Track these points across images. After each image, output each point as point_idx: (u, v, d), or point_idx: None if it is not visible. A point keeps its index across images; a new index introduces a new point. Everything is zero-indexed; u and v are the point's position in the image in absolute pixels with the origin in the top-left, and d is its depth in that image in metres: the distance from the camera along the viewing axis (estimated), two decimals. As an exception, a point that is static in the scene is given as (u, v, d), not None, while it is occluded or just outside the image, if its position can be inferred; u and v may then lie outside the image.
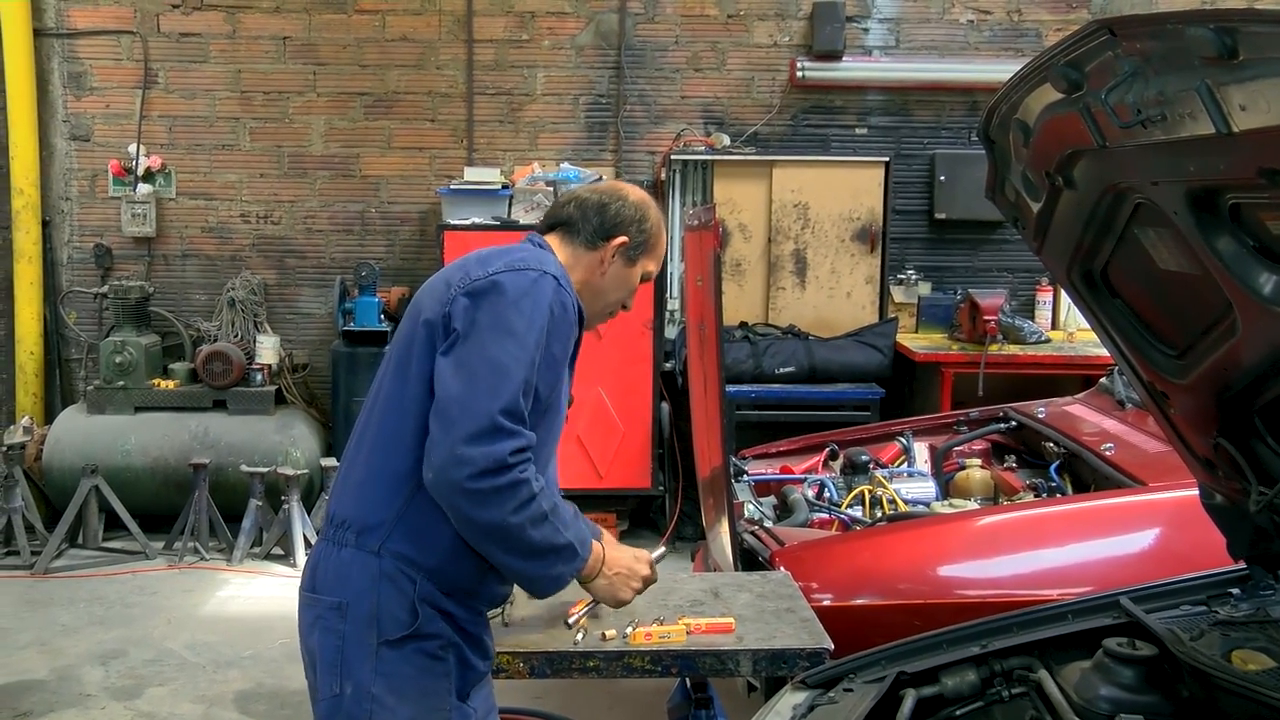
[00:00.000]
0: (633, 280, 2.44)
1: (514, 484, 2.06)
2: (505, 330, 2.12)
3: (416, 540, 2.16)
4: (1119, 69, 1.65)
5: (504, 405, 2.06)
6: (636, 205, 2.43)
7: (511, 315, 2.13)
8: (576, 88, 6.93)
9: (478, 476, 2.03)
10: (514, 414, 2.07)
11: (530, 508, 2.09)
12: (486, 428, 2.04)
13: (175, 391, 6.48)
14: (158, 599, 5.57)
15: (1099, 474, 3.84)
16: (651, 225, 2.43)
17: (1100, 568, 3.24)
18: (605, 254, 2.39)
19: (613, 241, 2.39)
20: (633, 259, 2.42)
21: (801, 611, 2.74)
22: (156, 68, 6.90)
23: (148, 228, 6.90)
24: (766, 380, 6.31)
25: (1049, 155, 2.02)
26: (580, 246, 2.39)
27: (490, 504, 2.06)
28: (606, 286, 2.41)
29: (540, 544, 2.14)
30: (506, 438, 2.05)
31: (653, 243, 2.44)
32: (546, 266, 2.22)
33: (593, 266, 2.39)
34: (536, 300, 2.15)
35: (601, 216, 2.40)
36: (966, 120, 6.88)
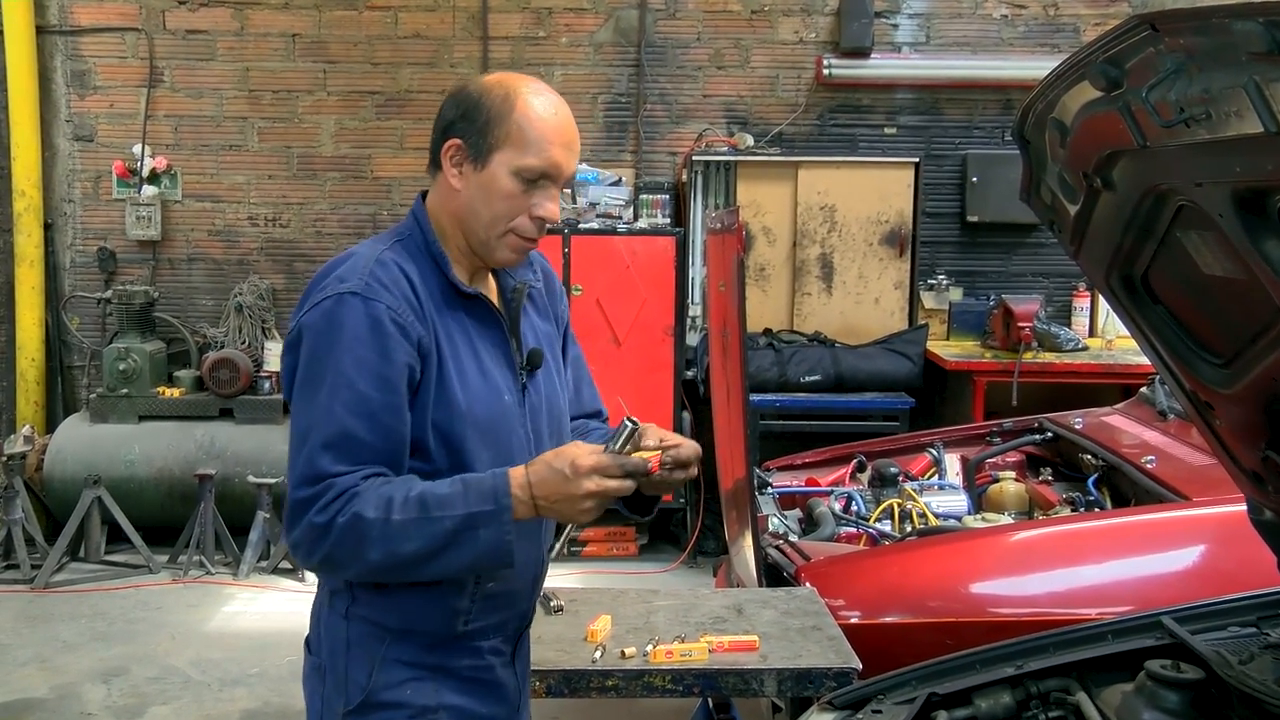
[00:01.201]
0: (501, 186, 1.96)
1: (342, 533, 1.83)
2: (308, 388, 1.89)
3: (378, 602, 1.98)
4: (1161, 66, 1.65)
5: (299, 475, 1.86)
6: (469, 89, 2.00)
7: (313, 369, 1.89)
8: (595, 86, 6.95)
9: (310, 554, 1.87)
10: (315, 478, 1.85)
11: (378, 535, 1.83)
12: (289, 512, 1.87)
13: (180, 400, 6.51)
14: (161, 614, 5.60)
15: (1140, 488, 3.82)
16: (490, 107, 1.96)
17: (1141, 586, 3.22)
18: (446, 169, 2.00)
19: (443, 149, 1.99)
20: (481, 159, 1.96)
21: (828, 629, 2.74)
22: (162, 66, 6.95)
23: (153, 231, 6.95)
24: (791, 389, 6.30)
25: (1087, 156, 2.01)
26: (436, 171, 2.04)
27: (343, 562, 1.88)
28: (471, 205, 1.98)
29: (426, 547, 1.84)
30: (311, 503, 1.84)
31: (500, 127, 1.95)
32: (348, 278, 1.92)
33: (447, 190, 2.01)
34: (333, 338, 1.88)
35: (435, 125, 2.03)
36: (1000, 119, 6.86)
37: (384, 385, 1.87)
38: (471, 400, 1.96)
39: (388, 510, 1.83)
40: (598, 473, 1.85)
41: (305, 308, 1.95)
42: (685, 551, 6.43)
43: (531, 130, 1.95)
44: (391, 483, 1.87)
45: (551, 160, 1.96)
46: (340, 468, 1.84)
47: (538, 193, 1.97)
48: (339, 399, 1.86)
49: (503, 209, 1.97)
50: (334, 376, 1.86)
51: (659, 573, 6.25)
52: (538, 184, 1.97)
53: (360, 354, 1.87)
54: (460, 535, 1.84)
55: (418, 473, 1.92)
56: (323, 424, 1.85)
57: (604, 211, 6.47)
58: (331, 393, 1.86)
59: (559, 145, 1.97)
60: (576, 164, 2.05)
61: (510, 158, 1.95)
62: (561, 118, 1.99)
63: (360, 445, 1.86)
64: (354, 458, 1.86)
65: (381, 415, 1.87)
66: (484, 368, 2.00)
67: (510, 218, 1.98)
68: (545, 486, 1.86)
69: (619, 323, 6.28)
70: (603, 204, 6.50)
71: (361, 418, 1.86)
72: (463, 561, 1.86)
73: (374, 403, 1.87)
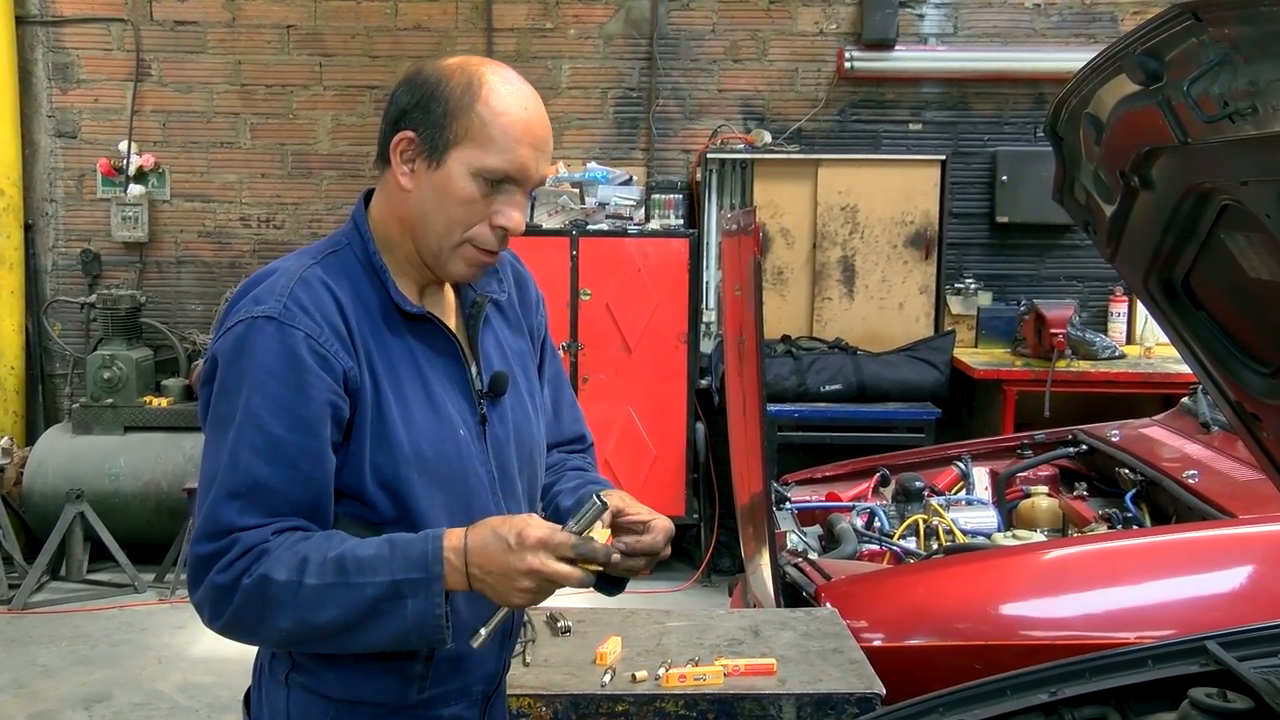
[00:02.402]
0: (457, 188, 1.78)
1: (247, 595, 1.69)
2: (217, 426, 1.74)
3: (320, 667, 1.84)
4: (1204, 57, 1.64)
5: (201, 531, 1.72)
6: (426, 74, 1.83)
7: (222, 405, 1.74)
8: (605, 80, 6.96)
9: (214, 617, 1.73)
10: (218, 532, 1.70)
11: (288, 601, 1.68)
12: (191, 570, 1.73)
13: (169, 410, 6.53)
14: (147, 636, 5.61)
15: (1181, 504, 3.80)
16: (450, 96, 1.78)
17: (1184, 608, 3.21)
18: (395, 165, 1.81)
19: (393, 142, 1.81)
20: (436, 156, 1.78)
21: (850, 652, 2.73)
22: (149, 59, 6.98)
23: (139, 232, 6.98)
24: (811, 399, 6.30)
25: (1124, 153, 2.01)
26: (384, 168, 1.85)
27: (249, 627, 1.73)
28: (422, 209, 1.80)
29: (344, 616, 1.69)
30: (213, 560, 1.70)
31: (462, 119, 1.77)
32: (264, 299, 1.75)
33: (396, 190, 1.82)
34: (243, 369, 1.72)
35: (386, 114, 1.85)
36: (1032, 114, 6.86)
37: (299, 426, 1.71)
38: (417, 438, 1.79)
39: (300, 573, 1.67)
40: (546, 549, 1.67)
41: (220, 332, 1.78)
42: (699, 570, 6.43)
43: (496, 125, 1.77)
44: (310, 539, 1.71)
45: (518, 162, 1.78)
46: (248, 520, 1.69)
47: (500, 198, 1.80)
48: (246, 442, 1.70)
49: (459, 215, 1.79)
50: (243, 415, 1.70)
51: (671, 592, 6.24)
52: (501, 188, 1.79)
53: (273, 390, 1.70)
54: (384, 605, 1.68)
55: (365, 523, 1.77)
56: (229, 471, 1.70)
57: (614, 212, 6.47)
58: (239, 435, 1.70)
59: (527, 145, 1.79)
60: (547, 167, 1.87)
61: (470, 156, 1.77)
62: (532, 112, 1.81)
63: (271, 495, 1.70)
64: (264, 509, 1.70)
65: (297, 461, 1.71)
66: (434, 399, 1.83)
67: (467, 226, 1.80)
68: (482, 555, 1.68)
69: (629, 329, 6.28)
70: (612, 204, 6.51)
71: (274, 464, 1.70)
72: (388, 634, 1.70)
73: (288, 447, 1.70)
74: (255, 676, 1.95)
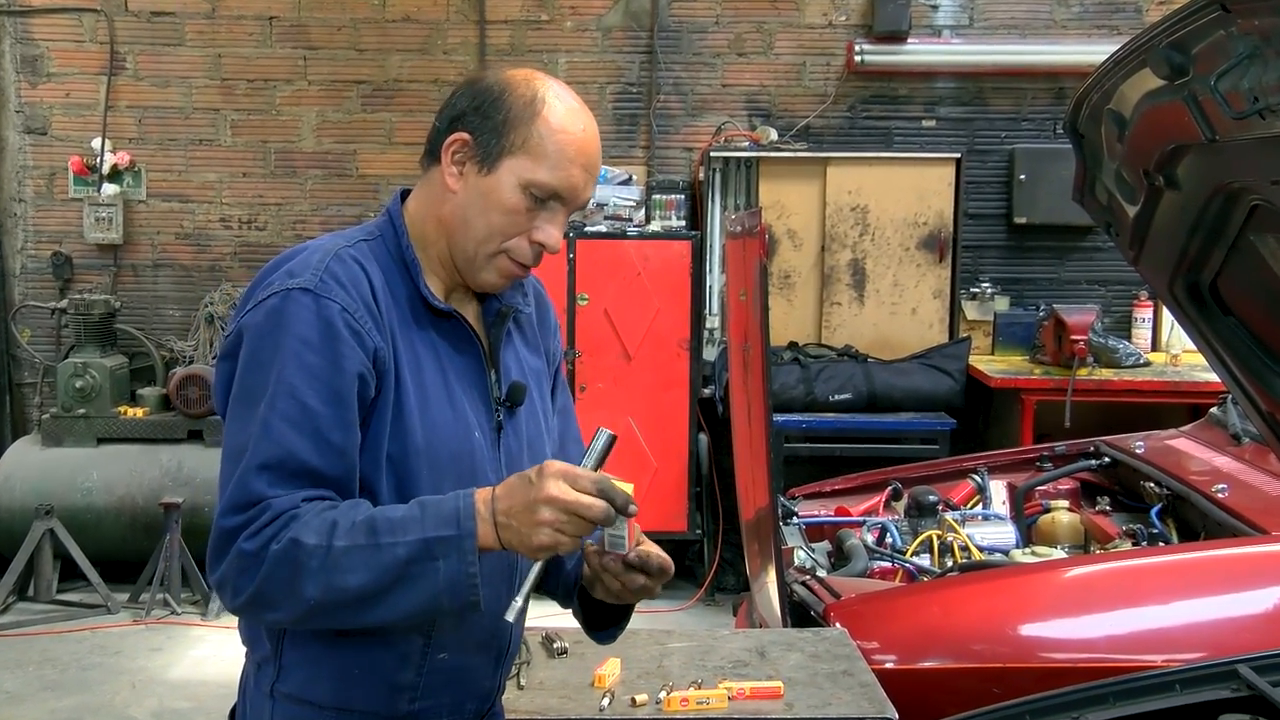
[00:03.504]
0: (504, 197, 1.87)
1: (275, 561, 1.71)
2: (246, 399, 1.78)
3: (308, 674, 1.88)
4: (1233, 50, 1.65)
5: (230, 502, 1.75)
6: (490, 81, 1.91)
7: (252, 376, 1.79)
8: (603, 75, 6.97)
9: (238, 591, 1.75)
10: (248, 503, 1.73)
11: (317, 565, 1.70)
12: (216, 542, 1.75)
13: (144, 421, 6.53)
14: (120, 660, 5.60)
15: (1210, 519, 3.80)
16: (512, 106, 1.87)
17: (1213, 630, 3.21)
18: (445, 164, 1.90)
19: (447, 141, 1.90)
20: (488, 162, 1.87)
21: (860, 675, 2.73)
22: (124, 51, 6.99)
23: (114, 234, 6.98)
24: (820, 409, 6.30)
25: (1148, 151, 2.01)
26: (431, 167, 1.94)
27: (275, 599, 1.75)
28: (465, 212, 1.89)
29: (373, 580, 1.71)
30: (240, 531, 1.73)
31: (521, 130, 1.86)
32: (299, 273, 1.82)
33: (440, 189, 1.91)
34: (277, 340, 1.77)
35: (441, 114, 1.93)
36: (1051, 110, 6.87)
37: (333, 398, 1.77)
38: (431, 433, 1.84)
39: (330, 536, 1.70)
40: (565, 478, 1.70)
41: (247, 306, 1.84)
42: (702, 588, 6.42)
43: (553, 142, 1.86)
44: (337, 505, 1.76)
45: (568, 180, 1.87)
46: (277, 491, 1.73)
47: (543, 214, 1.88)
48: (280, 412, 1.75)
49: (500, 224, 1.87)
50: (276, 386, 1.75)
51: (673, 611, 6.24)
52: (546, 204, 1.88)
53: (308, 360, 1.76)
54: (414, 566, 1.71)
55: None
56: (260, 442, 1.74)
57: (612, 213, 6.48)
58: (271, 405, 1.75)
59: (580, 165, 1.89)
60: (593, 191, 1.97)
61: (523, 168, 1.86)
62: (589, 135, 1.91)
63: (303, 467, 1.75)
64: (295, 481, 1.74)
65: (329, 432, 1.76)
66: (453, 397, 1.89)
67: (506, 236, 1.88)
68: (507, 496, 1.73)
69: (629, 335, 6.28)
70: (611, 204, 6.52)
71: (306, 435, 1.75)
72: (419, 598, 1.72)
73: (321, 418, 1.76)
74: (241, 689, 1.97)
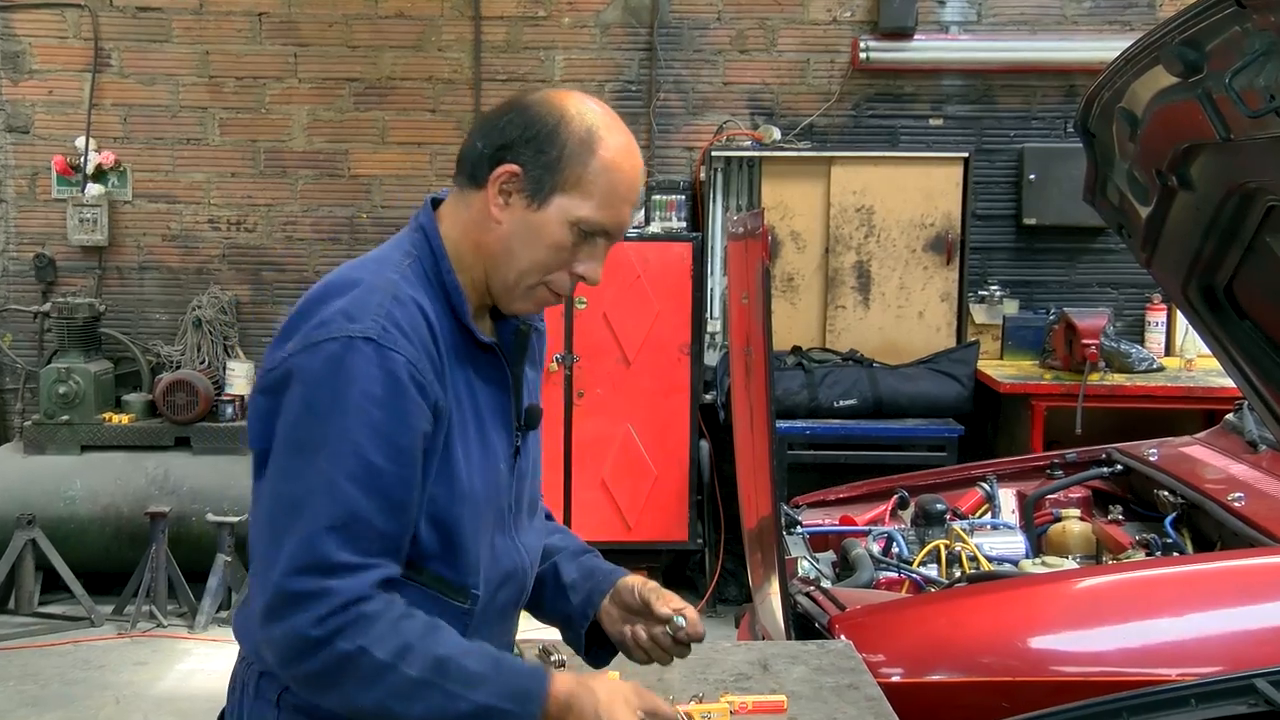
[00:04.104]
0: (551, 233, 1.89)
1: (339, 660, 1.74)
2: (302, 449, 1.77)
3: None
4: (1248, 47, 1.65)
5: (294, 563, 1.74)
6: (542, 111, 1.91)
7: (311, 427, 1.77)
8: (601, 73, 6.98)
9: (288, 662, 1.77)
10: (315, 566, 1.74)
11: (379, 682, 1.75)
12: (275, 602, 1.75)
13: (130, 427, 6.53)
14: (104, 674, 5.59)
15: (1226, 529, 3.80)
16: (568, 141, 1.88)
17: (1229, 643, 3.20)
18: (490, 193, 1.90)
19: (495, 172, 1.89)
20: (539, 197, 1.88)
21: (866, 689, 2.73)
22: (109, 48, 6.99)
23: (98, 235, 6.98)
24: (824, 415, 6.30)
25: (1160, 151, 2.02)
26: (468, 188, 1.93)
27: (324, 688, 1.79)
28: (509, 244, 1.90)
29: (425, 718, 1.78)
30: (307, 603, 1.73)
31: (574, 168, 1.88)
32: (359, 317, 1.79)
33: (482, 216, 1.91)
34: (338, 391, 1.76)
35: (486, 135, 1.92)
36: (1062, 109, 6.87)
37: (399, 456, 1.78)
38: (472, 474, 1.89)
39: (400, 658, 1.74)
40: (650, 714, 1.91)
41: (298, 345, 1.81)
42: (703, 599, 6.41)
43: (606, 180, 1.89)
44: (414, 619, 1.78)
45: (618, 219, 1.93)
46: (345, 557, 1.74)
47: (586, 248, 1.92)
48: (345, 470, 1.75)
49: (544, 259, 1.90)
50: (339, 441, 1.75)
51: (673, 625, 6.22)
52: (591, 239, 1.92)
53: (374, 417, 1.76)
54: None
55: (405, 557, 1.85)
56: (325, 499, 1.75)
57: (611, 213, 6.48)
58: (335, 460, 1.75)
59: (629, 203, 1.94)
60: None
61: (574, 205, 1.88)
62: (639, 170, 1.96)
63: (368, 528, 1.76)
64: (363, 545, 1.76)
65: (393, 491, 1.78)
66: (484, 432, 1.93)
67: (549, 270, 1.92)
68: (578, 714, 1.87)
69: (628, 340, 6.28)
70: (609, 205, 6.51)
71: (373, 495, 1.76)
72: None
73: (387, 477, 1.77)
74: (234, 694, 1.97)
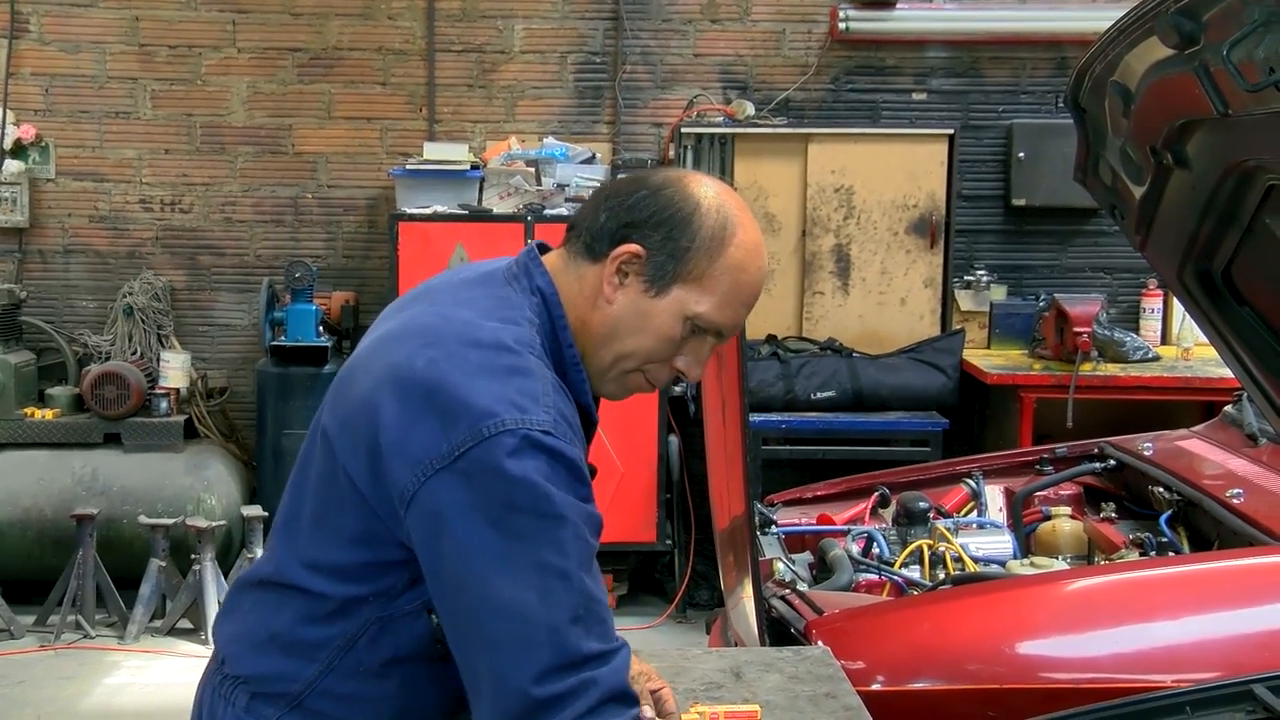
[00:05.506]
0: (663, 324, 1.92)
1: None
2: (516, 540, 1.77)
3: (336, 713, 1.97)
4: (1247, 17, 1.66)
5: (545, 666, 1.74)
6: (677, 196, 1.92)
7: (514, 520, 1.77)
8: (564, 43, 6.96)
9: None
10: (570, 664, 1.75)
11: None
12: (529, 711, 1.75)
13: (54, 423, 6.48)
14: (25, 690, 5.55)
15: (1224, 527, 3.83)
16: (701, 232, 1.90)
17: (1227, 647, 3.23)
18: (607, 270, 1.92)
19: (617, 250, 1.92)
20: (658, 284, 1.91)
21: (845, 698, 2.74)
22: (27, 12, 6.92)
23: (18, 215, 6.92)
24: (800, 408, 6.32)
25: (1155, 127, 2.03)
26: (581, 258, 1.96)
27: None
28: (616, 327, 1.94)
29: None
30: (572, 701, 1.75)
31: (701, 260, 1.90)
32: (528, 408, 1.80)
33: (594, 292, 1.94)
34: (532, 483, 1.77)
35: (613, 210, 1.94)
36: (1052, 82, 6.91)
37: (597, 531, 1.85)
38: None
39: None
40: None
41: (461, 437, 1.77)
42: (672, 604, 6.43)
43: (731, 280, 1.92)
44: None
45: (735, 321, 1.97)
46: (592, 645, 1.76)
47: (694, 342, 1.96)
48: (575, 558, 1.78)
49: (650, 348, 1.94)
50: (553, 529, 1.77)
51: (641, 629, 6.24)
52: (700, 335, 1.95)
53: (571, 500, 1.79)
54: None
55: None
56: (564, 592, 1.76)
57: (574, 195, 6.47)
58: (556, 548, 1.77)
59: (748, 307, 1.98)
60: None
61: (693, 299, 1.92)
62: (764, 271, 2.00)
63: (600, 607, 1.81)
64: (599, 626, 1.79)
65: (597, 569, 1.85)
66: None
67: (651, 360, 1.96)
68: None
69: (591, 328, 6.27)
70: (573, 185, 6.51)
71: (593, 574, 1.82)
72: None
73: (595, 553, 1.84)
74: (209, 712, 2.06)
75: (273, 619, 1.99)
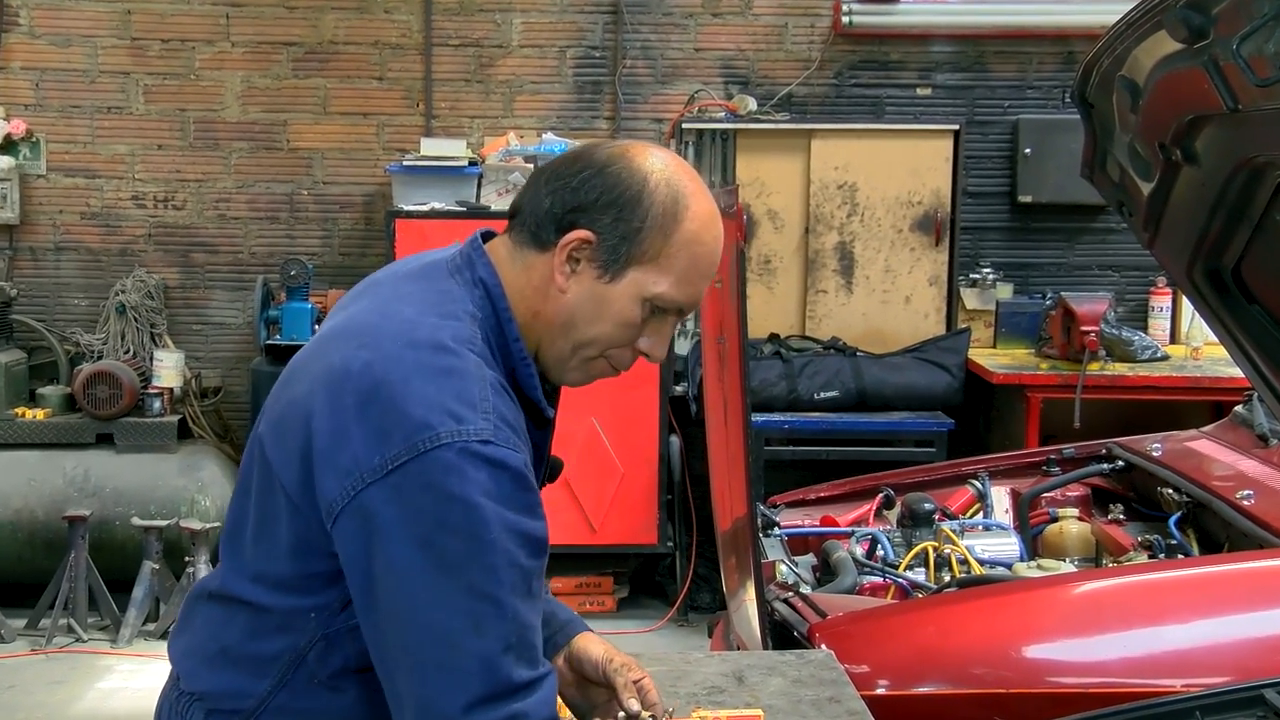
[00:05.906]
0: (622, 309, 1.87)
1: None
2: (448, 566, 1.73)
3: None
4: (1257, 10, 1.66)
5: (476, 695, 1.72)
6: (624, 173, 1.86)
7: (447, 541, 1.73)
8: (563, 37, 6.96)
9: None
10: (501, 693, 1.74)
11: None
12: None
13: (46, 423, 6.49)
14: (15, 695, 5.56)
15: (1234, 529, 3.83)
16: (652, 210, 1.85)
17: (1237, 651, 3.23)
18: (557, 259, 1.87)
19: (566, 237, 1.86)
20: (613, 268, 1.86)
21: (848, 702, 2.75)
22: (18, 5, 6.92)
23: (9, 212, 6.92)
24: (803, 408, 6.32)
25: (1164, 122, 2.03)
26: (528, 246, 1.90)
27: None
28: (572, 316, 1.88)
29: None
30: None
31: (654, 240, 1.85)
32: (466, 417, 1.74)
33: (544, 282, 1.88)
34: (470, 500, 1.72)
35: (557, 192, 1.88)
36: (1059, 77, 6.91)
37: (537, 550, 1.79)
38: None
39: None
40: None
41: (409, 453, 1.73)
42: (674, 607, 6.43)
43: (688, 255, 1.86)
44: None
45: (694, 296, 1.91)
46: (522, 674, 1.75)
47: (655, 323, 1.91)
48: (507, 584, 1.74)
49: (609, 334, 1.89)
50: (492, 554, 1.73)
51: (642, 632, 6.25)
52: (661, 315, 1.91)
53: (509, 519, 1.74)
54: None
55: None
56: (494, 619, 1.73)
57: (572, 190, 6.47)
58: (495, 576, 1.73)
59: (707, 279, 1.91)
60: None
61: (650, 280, 1.86)
62: (720, 240, 1.92)
63: (532, 633, 1.78)
64: (530, 654, 1.77)
65: (536, 588, 1.80)
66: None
67: (613, 345, 1.91)
68: None
69: (591, 327, 6.27)
70: (571, 181, 6.50)
71: (527, 600, 1.77)
72: None
73: (532, 576, 1.78)
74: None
75: (222, 633, 1.97)
